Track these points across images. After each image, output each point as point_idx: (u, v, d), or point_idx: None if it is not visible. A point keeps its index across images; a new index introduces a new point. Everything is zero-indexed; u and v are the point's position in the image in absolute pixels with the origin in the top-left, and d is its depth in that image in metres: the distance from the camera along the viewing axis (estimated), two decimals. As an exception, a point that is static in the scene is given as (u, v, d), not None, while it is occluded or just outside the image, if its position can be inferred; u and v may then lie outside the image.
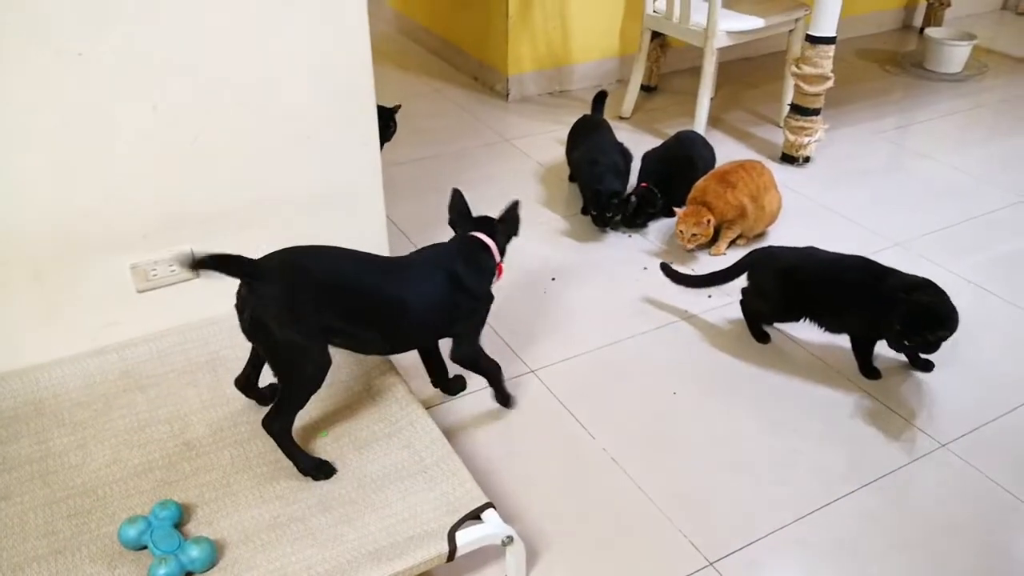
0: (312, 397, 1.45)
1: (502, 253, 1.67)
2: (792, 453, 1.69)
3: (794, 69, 2.70)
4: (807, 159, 2.84)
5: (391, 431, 1.54)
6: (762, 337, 2.00)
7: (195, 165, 1.63)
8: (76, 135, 1.50)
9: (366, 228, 1.88)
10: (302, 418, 1.57)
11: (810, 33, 2.62)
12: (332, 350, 1.45)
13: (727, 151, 2.95)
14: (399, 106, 2.51)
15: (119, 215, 1.60)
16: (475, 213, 1.71)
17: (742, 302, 2.04)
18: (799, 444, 1.71)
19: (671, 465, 1.66)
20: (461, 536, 1.30)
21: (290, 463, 1.44)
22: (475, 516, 1.35)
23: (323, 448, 1.52)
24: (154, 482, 1.42)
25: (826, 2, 2.55)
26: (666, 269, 2.09)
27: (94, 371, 1.63)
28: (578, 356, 1.95)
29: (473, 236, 1.64)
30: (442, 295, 1.55)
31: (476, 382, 1.84)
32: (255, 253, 1.41)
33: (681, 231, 2.27)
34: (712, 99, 3.38)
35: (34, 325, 1.61)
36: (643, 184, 2.46)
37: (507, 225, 1.71)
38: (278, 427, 1.41)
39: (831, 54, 2.63)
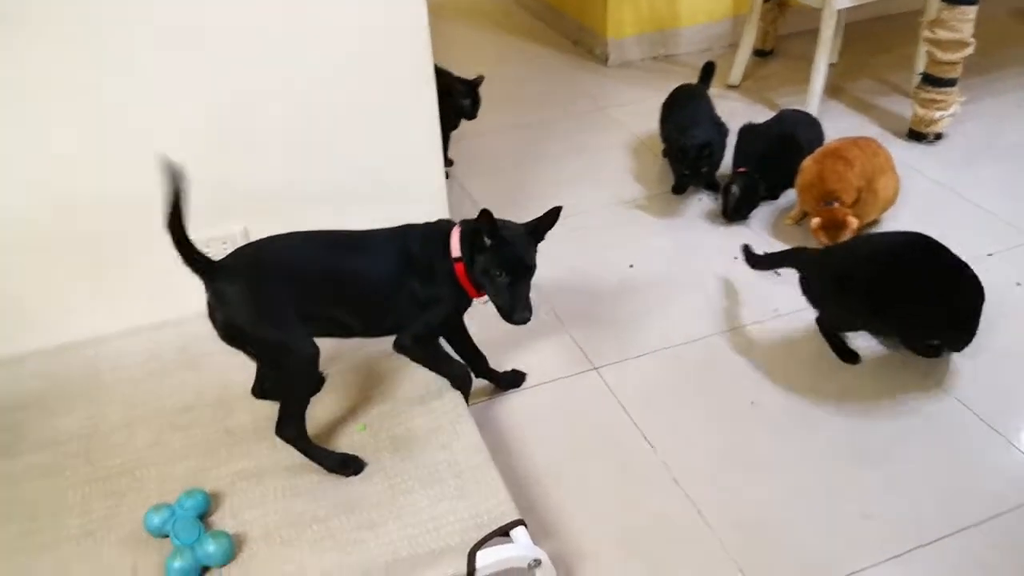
0: (353, 389, 1.38)
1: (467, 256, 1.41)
2: (882, 483, 1.49)
3: (927, 34, 2.37)
4: (938, 136, 2.52)
5: (431, 429, 1.46)
6: (848, 356, 1.75)
7: (248, 147, 1.60)
8: (134, 116, 1.50)
9: (424, 212, 1.78)
10: (342, 408, 1.53)
11: (948, -8, 2.29)
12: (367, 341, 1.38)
13: (845, 126, 2.66)
14: (481, 78, 2.39)
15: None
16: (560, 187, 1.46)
17: (817, 319, 1.79)
18: (891, 471, 1.51)
19: (738, 487, 1.50)
20: (483, 556, 1.21)
21: (320, 461, 1.40)
22: (504, 533, 1.26)
23: (359, 442, 1.46)
24: (190, 468, 1.41)
25: (968, -44, 2.21)
26: (747, 253, 1.89)
27: (153, 346, 1.64)
28: (648, 354, 1.80)
29: (446, 222, 1.48)
30: (394, 271, 1.41)
31: (534, 377, 1.74)
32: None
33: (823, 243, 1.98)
34: (833, 65, 3.09)
35: (96, 297, 1.64)
36: (740, 169, 2.24)
37: (485, 252, 1.39)
38: (291, 433, 1.37)
39: (972, 16, 2.30)
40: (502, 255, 1.38)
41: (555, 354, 1.81)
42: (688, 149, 2.19)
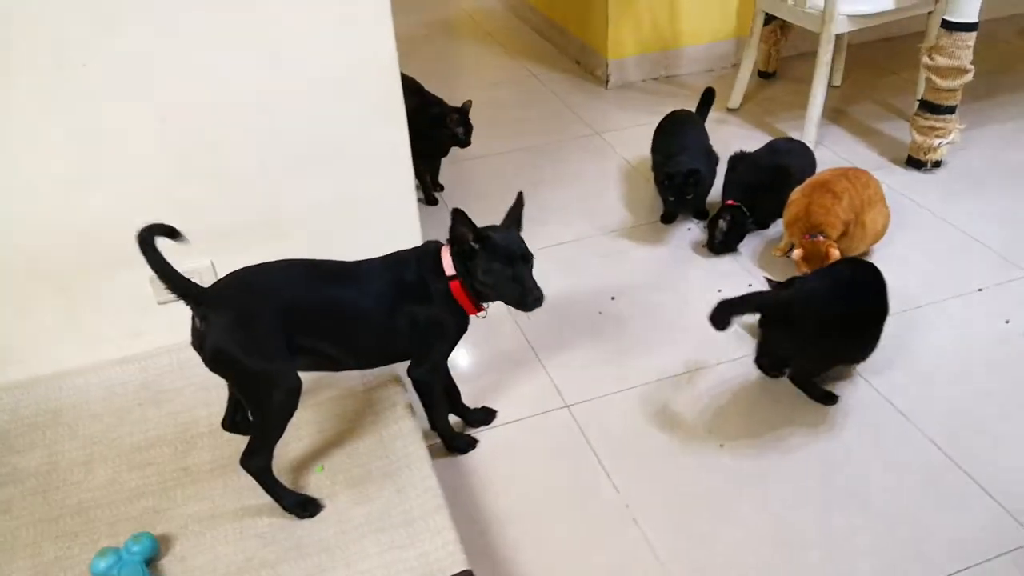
0: (313, 427, 1.37)
1: (464, 276, 1.41)
2: (852, 532, 1.44)
3: (926, 60, 2.32)
4: (936, 164, 2.46)
5: (388, 471, 1.44)
6: (827, 398, 1.70)
7: (213, 178, 1.59)
8: (93, 150, 1.50)
9: (398, 237, 1.77)
10: (302, 448, 1.52)
11: (946, 18, 2.24)
12: (337, 376, 1.35)
13: (844, 151, 2.61)
14: (469, 103, 2.37)
15: (137, 228, 1.58)
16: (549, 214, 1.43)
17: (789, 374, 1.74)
18: (861, 522, 1.46)
19: (703, 534, 1.46)
20: (425, 611, 1.18)
21: (271, 499, 1.38)
22: (451, 584, 1.24)
23: (317, 482, 1.44)
24: (144, 508, 1.40)
25: (965, -19, 2.16)
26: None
27: (115, 381, 1.64)
28: (621, 392, 1.76)
29: (434, 242, 1.47)
30: (388, 300, 1.40)
31: (505, 415, 1.72)
32: None
33: (805, 273, 1.93)
34: (836, 88, 3.04)
35: (60, 333, 1.64)
36: (729, 202, 2.19)
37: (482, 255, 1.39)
38: (256, 465, 1.35)
39: (971, 43, 2.24)
40: (496, 249, 1.38)
41: (528, 390, 1.78)
42: (674, 176, 2.16)
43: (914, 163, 2.48)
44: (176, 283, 1.26)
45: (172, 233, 1.26)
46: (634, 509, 1.50)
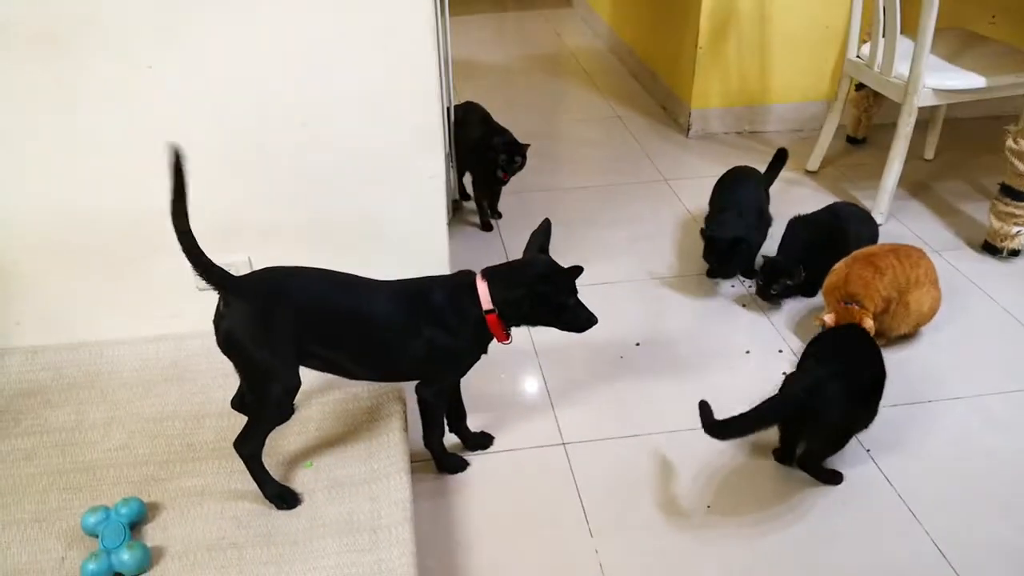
0: (312, 424, 1.44)
1: (499, 304, 1.46)
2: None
3: (1010, 143, 2.21)
4: (1014, 252, 2.33)
5: (367, 478, 1.50)
6: (833, 478, 1.63)
7: (255, 179, 1.71)
8: (149, 142, 1.63)
9: (424, 261, 1.84)
10: (298, 443, 1.60)
11: (1033, 101, 2.13)
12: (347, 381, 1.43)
13: (916, 227, 2.52)
14: (528, 145, 2.46)
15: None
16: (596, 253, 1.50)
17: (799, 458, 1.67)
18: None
19: (667, 593, 1.44)
20: (361, 615, 1.23)
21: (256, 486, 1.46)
22: (396, 595, 1.28)
23: (303, 477, 1.52)
24: (144, 475, 1.51)
25: (1054, 66, 2.05)
26: (703, 408, 1.54)
27: (149, 355, 1.78)
28: (621, 439, 1.76)
29: (470, 274, 1.50)
30: (410, 322, 1.45)
31: (501, 442, 1.75)
32: None
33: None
34: (928, 161, 2.93)
35: (107, 307, 1.80)
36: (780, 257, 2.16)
37: (545, 285, 1.48)
38: (247, 451, 1.43)
39: (1058, 129, 2.12)
40: (563, 284, 1.50)
41: (530, 422, 1.81)
42: (716, 241, 2.14)
43: (990, 249, 2.36)
44: (206, 269, 1.35)
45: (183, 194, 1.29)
46: (602, 555, 1.50)
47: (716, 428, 1.52)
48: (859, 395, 1.58)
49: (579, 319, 1.54)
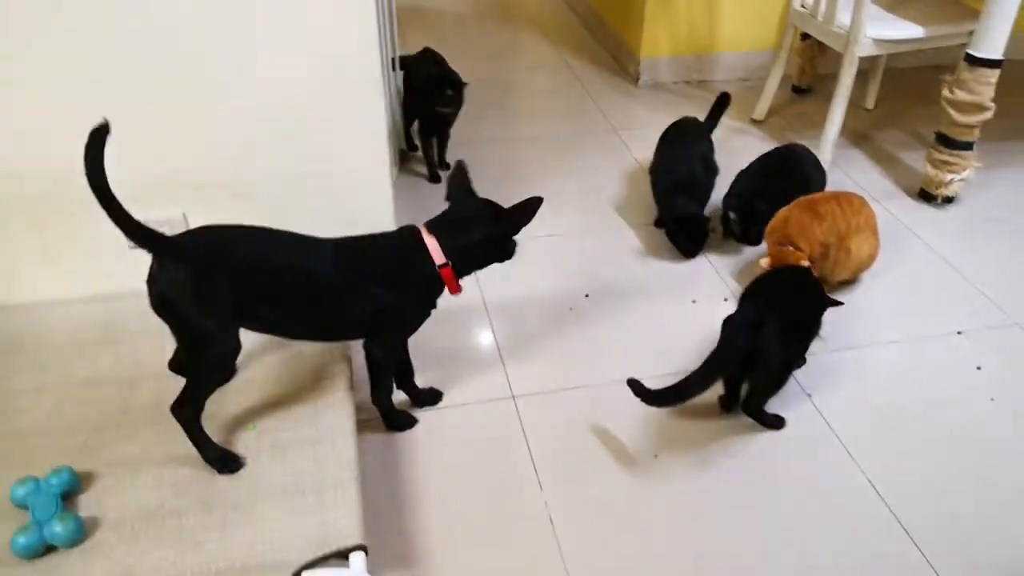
0: (254, 386, 1.40)
1: (453, 255, 1.44)
2: (765, 554, 1.42)
3: (945, 92, 2.24)
4: (948, 200, 2.37)
5: (311, 439, 1.47)
6: (777, 422, 1.67)
7: (189, 131, 1.63)
8: (73, 93, 1.54)
9: (369, 216, 1.79)
10: (240, 405, 1.56)
11: (969, 52, 2.15)
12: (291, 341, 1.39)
13: (856, 175, 2.55)
14: (466, 84, 2.39)
15: (112, 173, 1.63)
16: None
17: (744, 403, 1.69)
18: (778, 544, 1.44)
19: (612, 541, 1.45)
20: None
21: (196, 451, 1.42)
22: (343, 556, 1.26)
23: (245, 440, 1.48)
24: (77, 443, 1.45)
25: (992, 15, 2.07)
26: (634, 386, 1.58)
27: (79, 317, 1.70)
28: (570, 390, 1.76)
29: (411, 227, 1.47)
30: (356, 282, 1.41)
31: (450, 398, 1.73)
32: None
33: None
34: (869, 111, 2.96)
35: (33, 265, 1.70)
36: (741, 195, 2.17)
37: (498, 222, 1.46)
38: (186, 414, 1.39)
39: (993, 80, 2.15)
40: (517, 223, 1.47)
41: (480, 376, 1.79)
42: (686, 221, 2.14)
43: (925, 196, 2.40)
44: (133, 229, 1.28)
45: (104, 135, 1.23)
46: (552, 507, 1.50)
47: (655, 398, 1.54)
48: (794, 330, 1.61)
49: (512, 247, 1.52)
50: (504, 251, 1.51)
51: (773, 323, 1.53)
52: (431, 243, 1.44)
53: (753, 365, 1.55)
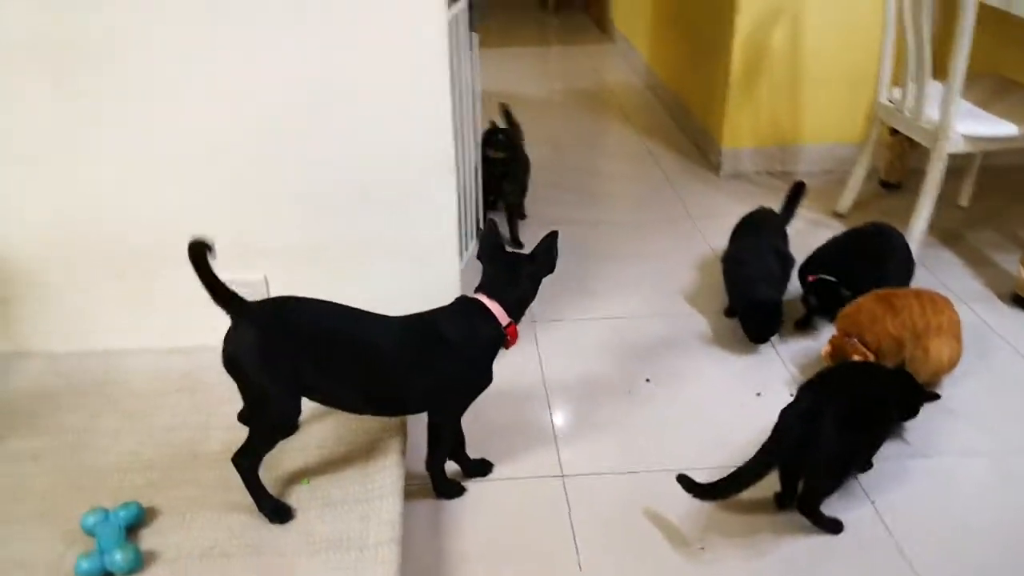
0: (314, 442, 1.48)
1: (514, 310, 1.53)
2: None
3: (1040, 194, 2.17)
4: (1043, 305, 2.27)
5: (361, 498, 1.52)
6: (834, 526, 1.60)
7: (270, 199, 1.77)
8: (170, 157, 1.71)
9: (436, 288, 1.87)
10: (298, 460, 1.63)
11: (1065, 154, 2.09)
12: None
13: (944, 275, 2.47)
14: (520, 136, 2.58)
15: (197, 232, 1.79)
16: (613, 288, 1.52)
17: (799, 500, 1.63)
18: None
19: (650, 631, 1.42)
20: (336, 633, 1.24)
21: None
22: (376, 614, 1.29)
23: (299, 494, 1.54)
24: (148, 480, 1.55)
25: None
26: (684, 482, 1.56)
27: (161, 366, 1.83)
28: (621, 475, 1.75)
29: (470, 298, 1.54)
30: (421, 353, 1.47)
31: (500, 470, 1.75)
32: (319, 290, 1.48)
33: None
34: (963, 209, 2.87)
35: (125, 315, 1.86)
36: (811, 278, 2.15)
37: (535, 266, 1.56)
38: (246, 464, 1.46)
39: (1091, 183, 2.07)
40: (551, 260, 1.60)
41: (531, 453, 1.81)
42: (759, 306, 2.12)
43: (1019, 302, 2.30)
44: (219, 292, 1.39)
45: (209, 248, 1.38)
46: (589, 591, 1.49)
47: (705, 492, 1.53)
48: (853, 423, 1.56)
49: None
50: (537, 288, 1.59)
51: (830, 414, 1.50)
52: (495, 307, 1.50)
53: (806, 457, 1.52)
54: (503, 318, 1.51)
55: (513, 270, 1.55)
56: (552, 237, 1.57)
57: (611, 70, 4.64)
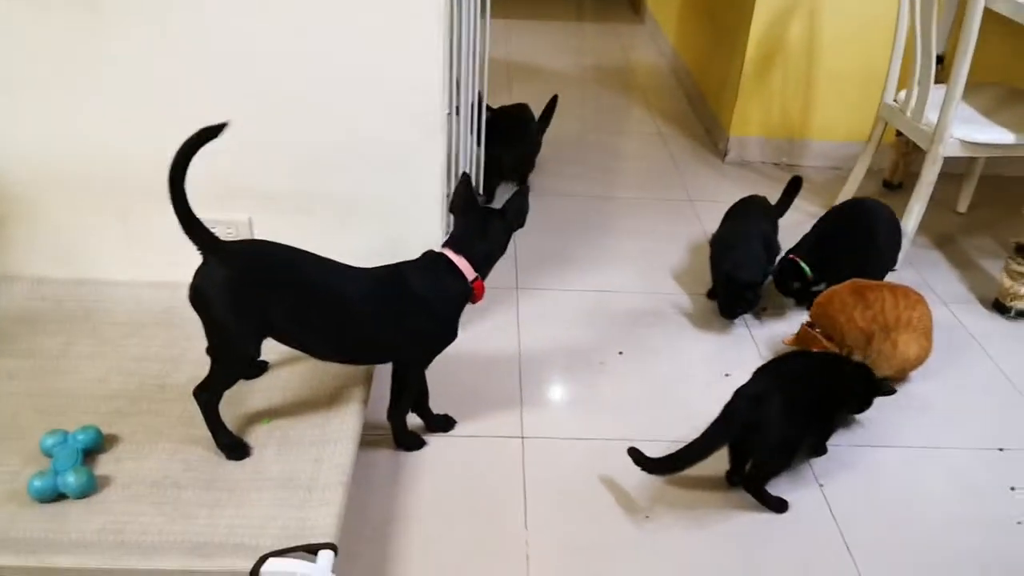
0: (279, 384, 1.52)
1: (481, 266, 1.56)
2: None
3: (1030, 202, 2.15)
4: (1022, 314, 2.25)
5: (315, 441, 1.55)
6: (779, 505, 1.62)
7: (259, 146, 1.78)
8: (166, 96, 1.73)
9: (419, 245, 1.89)
10: (266, 399, 1.66)
11: (1056, 162, 2.07)
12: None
13: (930, 276, 2.47)
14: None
15: (194, 169, 1.80)
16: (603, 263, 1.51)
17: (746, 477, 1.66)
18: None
19: (585, 592, 1.45)
20: (273, 563, 1.27)
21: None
22: (312, 551, 1.32)
23: (258, 432, 1.58)
24: (112, 408, 1.59)
25: (1081, 127, 1.99)
26: (634, 454, 1.59)
27: (144, 299, 1.87)
28: (579, 440, 1.78)
29: (439, 253, 1.55)
30: (389, 304, 1.50)
31: (462, 427, 1.78)
32: (302, 237, 1.50)
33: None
34: (960, 215, 2.85)
35: (113, 247, 1.89)
36: (791, 256, 2.20)
37: (505, 221, 1.59)
38: (204, 398, 1.50)
39: (1080, 194, 2.05)
40: (522, 215, 1.62)
41: (496, 414, 1.84)
42: (732, 281, 2.14)
43: (999, 307, 2.29)
44: (191, 225, 1.41)
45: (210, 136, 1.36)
46: (532, 548, 1.52)
47: (654, 466, 1.55)
48: (800, 410, 1.58)
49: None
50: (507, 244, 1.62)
51: (777, 400, 1.51)
52: (461, 263, 1.53)
53: (753, 439, 1.53)
54: (469, 273, 1.53)
55: (483, 225, 1.57)
56: (523, 193, 1.59)
57: (639, 50, 4.61)
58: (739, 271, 2.13)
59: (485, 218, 1.58)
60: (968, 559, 1.55)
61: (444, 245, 1.57)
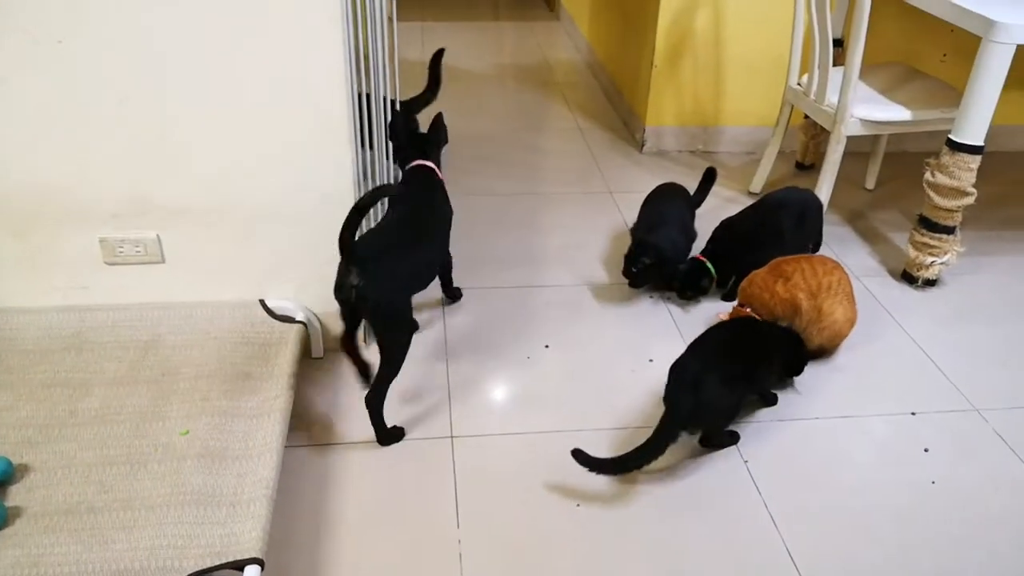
0: (189, 391, 1.47)
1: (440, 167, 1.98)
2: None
3: (927, 176, 2.25)
4: (929, 282, 2.36)
5: (239, 453, 1.52)
6: (731, 436, 1.76)
7: (164, 160, 1.74)
8: (57, 117, 1.66)
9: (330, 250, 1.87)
10: (187, 409, 1.61)
11: (950, 137, 2.17)
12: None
13: (842, 251, 2.55)
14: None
15: (91, 192, 1.74)
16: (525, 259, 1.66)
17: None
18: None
19: (519, 585, 1.46)
20: (196, 583, 1.25)
21: (129, 452, 1.50)
22: (239, 568, 1.30)
23: (173, 444, 1.53)
24: (22, 437, 1.54)
25: (972, 101, 2.09)
26: (578, 456, 1.61)
27: (52, 325, 1.80)
28: (509, 435, 1.79)
29: (422, 165, 1.94)
30: (435, 200, 1.94)
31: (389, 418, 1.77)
32: (213, 252, 1.61)
33: None
34: (870, 191, 2.96)
35: (14, 274, 1.82)
36: (699, 256, 2.25)
37: (438, 138, 2.01)
38: (380, 400, 1.71)
39: (974, 166, 2.16)
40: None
41: (424, 416, 1.83)
42: (640, 245, 2.19)
43: (908, 278, 2.39)
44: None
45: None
46: (464, 546, 1.52)
47: (601, 466, 1.61)
48: (739, 377, 1.70)
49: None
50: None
51: (713, 378, 1.59)
52: (433, 167, 1.98)
53: (700, 421, 1.61)
54: (440, 174, 1.98)
55: (426, 141, 2.00)
56: (439, 117, 2.02)
57: (555, 47, 4.65)
58: (648, 240, 2.20)
59: (425, 137, 2.01)
60: (887, 520, 1.61)
61: (416, 159, 1.95)
